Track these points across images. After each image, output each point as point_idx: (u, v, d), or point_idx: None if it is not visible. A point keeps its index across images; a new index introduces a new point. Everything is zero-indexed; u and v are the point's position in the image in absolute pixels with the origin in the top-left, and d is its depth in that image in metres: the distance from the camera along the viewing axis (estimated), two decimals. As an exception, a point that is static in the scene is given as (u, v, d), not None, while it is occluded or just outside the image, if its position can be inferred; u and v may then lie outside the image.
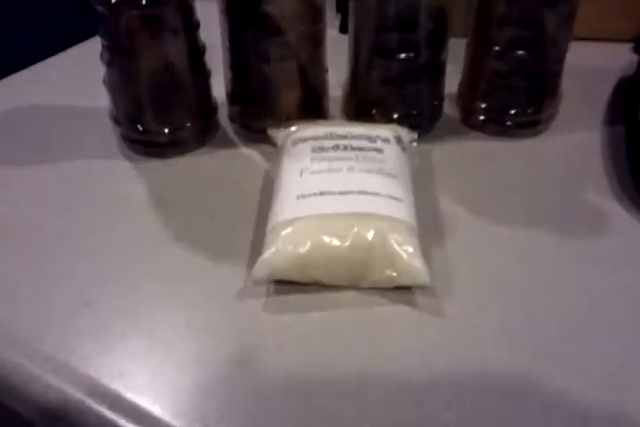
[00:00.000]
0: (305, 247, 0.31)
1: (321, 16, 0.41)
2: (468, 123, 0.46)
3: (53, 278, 0.35)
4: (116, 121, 0.44)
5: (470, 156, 0.44)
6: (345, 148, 0.37)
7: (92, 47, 0.43)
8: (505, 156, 0.44)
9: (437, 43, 0.42)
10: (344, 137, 0.38)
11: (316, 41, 0.42)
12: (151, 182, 0.42)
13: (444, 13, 0.41)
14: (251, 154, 0.44)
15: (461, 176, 0.42)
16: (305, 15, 0.40)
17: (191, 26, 0.41)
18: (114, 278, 0.34)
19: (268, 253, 0.31)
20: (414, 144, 0.41)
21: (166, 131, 0.43)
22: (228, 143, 0.45)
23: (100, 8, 0.39)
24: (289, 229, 0.32)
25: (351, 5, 0.42)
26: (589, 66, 0.51)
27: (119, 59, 0.41)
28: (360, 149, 0.37)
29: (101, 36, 0.40)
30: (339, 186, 0.34)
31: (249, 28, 0.40)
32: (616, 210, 0.38)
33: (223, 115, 0.46)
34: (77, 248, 0.37)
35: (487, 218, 0.38)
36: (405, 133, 0.40)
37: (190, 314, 0.32)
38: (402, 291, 0.32)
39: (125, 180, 0.42)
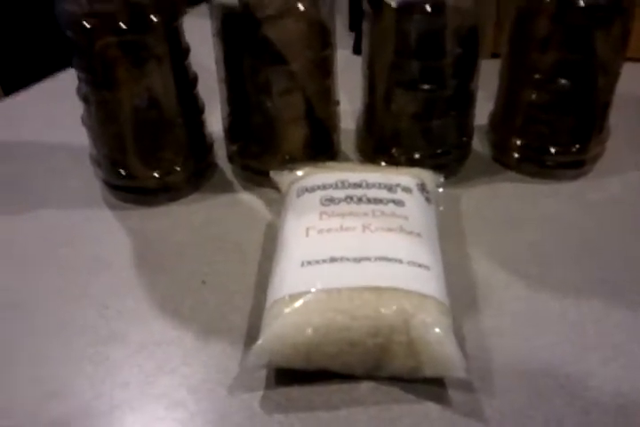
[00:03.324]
0: (310, 331, 0.25)
1: (330, 40, 0.36)
2: (502, 161, 0.40)
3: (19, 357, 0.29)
4: (97, 164, 0.38)
5: (504, 202, 0.38)
6: (359, 200, 0.30)
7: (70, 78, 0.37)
8: (545, 202, 0.38)
9: (466, 71, 0.36)
10: (358, 186, 0.31)
11: (324, 70, 0.37)
12: (135, 236, 0.36)
13: (475, 36, 0.35)
14: (251, 200, 0.39)
15: (495, 228, 0.36)
16: (311, 40, 0.35)
17: (179, 53, 0.36)
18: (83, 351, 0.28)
19: (266, 338, 0.25)
20: (440, 189, 0.35)
21: (154, 175, 0.38)
22: (226, 187, 0.40)
23: (72, 34, 0.33)
24: (291, 308, 0.26)
25: (365, 27, 0.36)
26: (638, 93, 0.45)
27: (97, 93, 0.35)
28: (377, 201, 0.30)
29: (76, 68, 0.35)
30: (353, 250, 0.27)
31: (247, 55, 0.35)
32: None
33: (221, 153, 0.41)
34: (45, 315, 0.31)
35: (528, 282, 0.32)
36: (430, 179, 0.34)
37: (173, 414, 0.26)
38: (430, 384, 0.26)
39: (105, 232, 0.37)
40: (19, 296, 0.32)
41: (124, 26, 0.33)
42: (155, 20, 0.33)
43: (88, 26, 0.33)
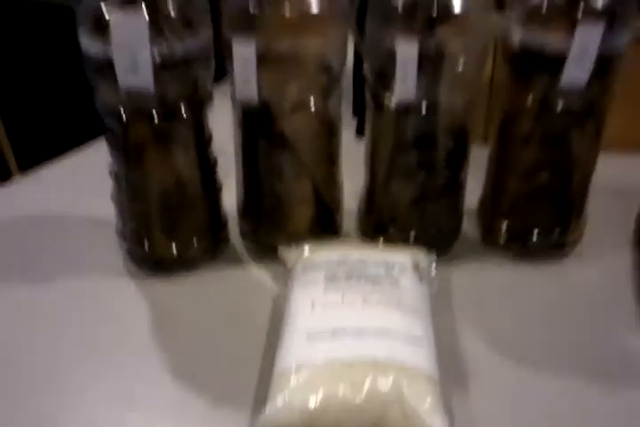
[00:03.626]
0: (315, 401, 0.28)
1: (336, 133, 0.40)
2: (489, 242, 0.44)
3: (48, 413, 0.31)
4: (123, 236, 0.42)
5: (492, 280, 0.41)
6: (360, 276, 0.34)
7: (99, 151, 0.41)
8: (528, 281, 0.41)
9: (457, 163, 0.40)
10: (359, 264, 0.35)
11: (331, 159, 0.41)
12: (154, 303, 0.39)
13: (464, 134, 0.39)
14: (260, 273, 0.42)
15: (482, 305, 0.39)
16: (320, 133, 0.39)
17: (203, 141, 0.40)
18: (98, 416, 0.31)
19: (272, 408, 0.28)
20: (433, 268, 0.38)
21: (173, 248, 0.41)
22: (237, 260, 0.43)
23: (109, 121, 0.38)
24: (297, 379, 0.28)
25: (368, 120, 0.41)
26: (619, 181, 0.49)
27: (128, 173, 0.39)
28: (376, 278, 0.34)
29: (110, 150, 0.39)
30: (353, 323, 0.31)
31: (263, 144, 0.39)
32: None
33: (233, 229, 0.44)
34: (72, 374, 0.34)
35: (512, 359, 0.35)
36: (424, 258, 0.38)
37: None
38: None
39: (127, 299, 0.40)
40: (40, 357, 0.35)
41: (156, 116, 0.37)
42: (184, 113, 0.38)
43: (125, 116, 0.37)
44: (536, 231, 0.42)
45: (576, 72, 0.35)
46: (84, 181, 0.52)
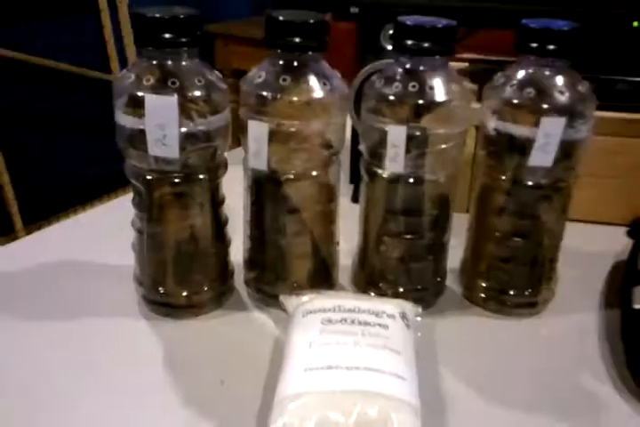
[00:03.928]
0: (310, 422, 0.32)
1: (335, 196, 0.46)
2: (470, 299, 0.49)
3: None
4: (140, 282, 0.47)
5: (471, 332, 0.46)
6: (352, 321, 0.39)
7: (119, 205, 0.46)
8: (504, 334, 0.45)
9: (440, 227, 0.45)
10: (352, 311, 0.40)
11: (329, 218, 0.46)
12: (165, 342, 0.44)
13: (447, 202, 0.45)
14: (262, 318, 0.46)
15: (463, 353, 0.43)
16: (320, 196, 0.45)
17: (216, 201, 0.45)
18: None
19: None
20: (418, 318, 0.43)
21: (184, 294, 0.46)
22: (242, 306, 0.48)
23: (137, 183, 0.43)
24: (295, 404, 0.33)
25: (362, 189, 0.46)
26: (587, 248, 0.55)
27: (150, 227, 0.44)
28: (366, 323, 0.39)
29: (135, 208, 0.45)
30: (345, 361, 0.35)
31: (269, 205, 0.44)
32: (613, 399, 0.39)
33: (239, 278, 0.49)
34: (86, 405, 0.38)
35: (487, 398, 0.39)
36: (410, 309, 0.43)
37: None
38: (401, 474, 0.33)
39: (140, 339, 0.44)
40: (57, 389, 0.39)
41: (176, 180, 0.43)
42: (202, 177, 0.43)
43: (149, 178, 0.43)
44: (511, 291, 0.47)
45: (541, 156, 0.41)
46: (101, 236, 0.57)
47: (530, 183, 0.43)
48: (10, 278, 0.51)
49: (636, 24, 0.60)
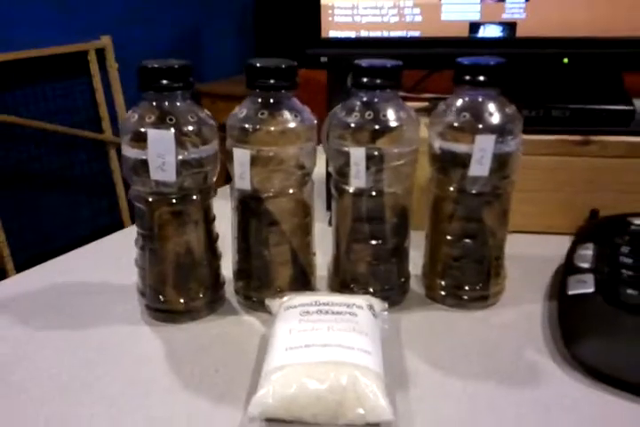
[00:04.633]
0: (291, 389, 0.39)
1: (309, 212, 0.53)
2: (431, 297, 0.56)
3: (79, 420, 0.42)
4: (142, 293, 0.54)
5: (432, 323, 0.53)
6: (326, 312, 0.46)
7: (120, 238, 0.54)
8: (461, 324, 0.53)
9: (401, 233, 0.53)
10: (326, 304, 0.47)
11: (305, 231, 0.54)
12: (167, 343, 0.50)
13: (405, 211, 0.53)
14: (251, 320, 0.53)
15: (424, 340, 0.50)
16: (297, 211, 0.52)
17: (209, 219, 0.53)
18: (130, 420, 0.42)
19: (261, 393, 0.39)
20: (385, 313, 0.50)
21: (182, 301, 0.53)
22: (233, 311, 0.55)
23: (139, 205, 0.51)
24: (278, 374, 0.40)
25: (333, 204, 0.54)
26: (535, 253, 0.63)
27: (150, 243, 0.51)
28: (338, 313, 0.46)
29: (137, 226, 0.52)
30: (320, 340, 0.42)
31: (254, 220, 0.52)
32: (551, 366, 0.47)
33: (229, 288, 0.56)
34: (100, 396, 0.44)
35: (445, 372, 0.46)
36: (377, 303, 0.50)
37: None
38: (371, 428, 0.39)
39: (145, 341, 0.51)
40: (76, 380, 0.46)
41: (174, 200, 0.50)
42: (195, 198, 0.51)
43: (151, 200, 0.50)
44: (465, 286, 0.54)
45: (479, 168, 0.49)
46: (103, 263, 0.65)
47: (473, 191, 0.51)
48: (26, 299, 0.58)
49: (565, 61, 0.70)
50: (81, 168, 2.26)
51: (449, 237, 0.53)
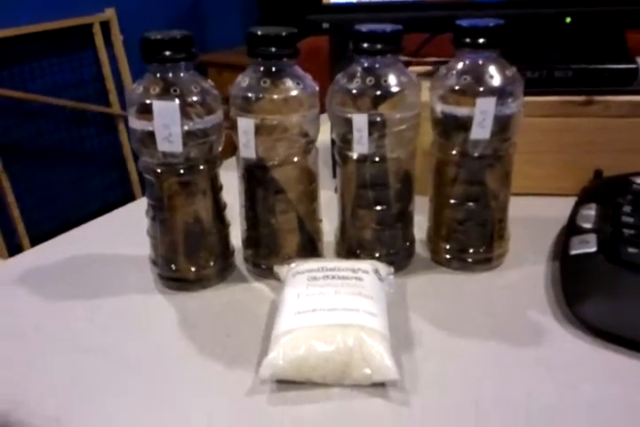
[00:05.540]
0: (300, 350, 0.40)
1: (314, 179, 0.54)
2: (436, 260, 0.57)
3: (97, 384, 0.44)
4: (154, 263, 0.55)
5: (437, 286, 0.54)
6: (333, 277, 0.47)
7: (132, 209, 0.55)
8: (466, 286, 0.54)
9: (405, 198, 0.54)
10: (332, 269, 0.48)
11: (311, 198, 0.55)
12: (179, 310, 0.52)
13: (408, 176, 0.53)
14: (260, 287, 0.55)
15: (430, 302, 0.52)
16: (302, 179, 0.53)
17: (216, 188, 0.54)
18: (146, 383, 0.43)
19: (272, 355, 0.41)
20: (391, 276, 0.51)
21: (193, 269, 0.54)
22: (242, 279, 0.56)
23: (149, 177, 0.52)
24: (287, 338, 0.41)
25: (338, 171, 0.55)
26: (540, 215, 0.64)
27: (161, 214, 0.53)
28: (345, 278, 0.47)
29: (147, 197, 0.53)
30: (327, 304, 0.44)
31: (260, 188, 0.53)
32: (553, 325, 0.48)
33: (239, 257, 0.58)
34: (117, 360, 0.46)
35: (449, 333, 0.47)
36: (383, 268, 0.51)
37: (210, 408, 0.41)
38: (377, 387, 0.41)
39: (158, 309, 0.52)
40: (95, 342, 0.48)
41: (182, 171, 0.51)
42: (202, 167, 0.52)
43: (159, 171, 0.51)
44: (470, 249, 0.55)
45: (480, 131, 0.50)
46: (114, 236, 0.66)
47: (475, 155, 0.51)
48: (42, 271, 0.59)
49: (568, 20, 0.69)
50: (91, 142, 2.27)
51: (452, 201, 0.54)
